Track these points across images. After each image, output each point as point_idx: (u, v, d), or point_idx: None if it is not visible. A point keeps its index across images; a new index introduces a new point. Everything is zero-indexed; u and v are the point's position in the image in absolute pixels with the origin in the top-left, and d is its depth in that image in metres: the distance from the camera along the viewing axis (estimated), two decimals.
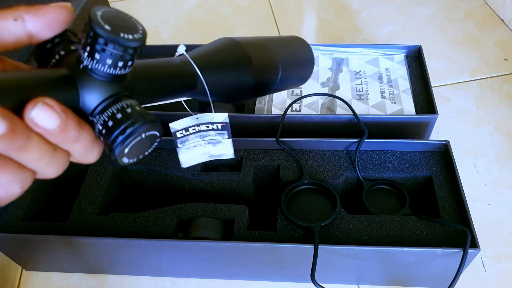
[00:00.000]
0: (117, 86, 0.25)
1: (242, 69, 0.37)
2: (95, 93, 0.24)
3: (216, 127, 0.43)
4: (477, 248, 0.47)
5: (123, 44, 0.23)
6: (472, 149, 0.74)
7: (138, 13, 1.12)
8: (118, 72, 0.24)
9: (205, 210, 0.55)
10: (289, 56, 0.41)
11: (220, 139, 0.44)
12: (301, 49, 0.43)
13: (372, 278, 0.57)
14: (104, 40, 0.22)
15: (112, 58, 0.23)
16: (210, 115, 0.42)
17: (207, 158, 0.46)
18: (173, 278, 0.61)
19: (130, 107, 0.24)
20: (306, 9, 1.09)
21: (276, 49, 0.40)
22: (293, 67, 0.41)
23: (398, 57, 0.75)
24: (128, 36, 0.23)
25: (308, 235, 0.52)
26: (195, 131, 0.42)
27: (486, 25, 0.98)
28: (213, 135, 0.43)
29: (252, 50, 0.38)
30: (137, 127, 0.24)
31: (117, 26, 0.23)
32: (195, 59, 0.34)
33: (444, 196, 0.55)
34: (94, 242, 0.53)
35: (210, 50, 0.37)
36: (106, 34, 0.22)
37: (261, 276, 0.59)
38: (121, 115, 0.24)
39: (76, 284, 0.62)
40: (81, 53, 0.24)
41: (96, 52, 0.23)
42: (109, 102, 0.24)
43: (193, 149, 0.44)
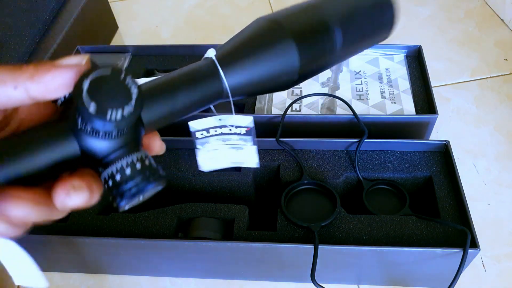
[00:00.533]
0: (122, 139, 0.23)
1: (281, 58, 0.31)
2: (97, 150, 0.23)
3: (239, 131, 0.38)
4: (477, 248, 0.47)
5: (111, 123, 0.22)
6: (472, 149, 0.74)
7: (138, 13, 1.12)
8: (118, 134, 0.23)
9: (205, 210, 0.55)
10: (347, 9, 0.32)
11: (243, 145, 0.39)
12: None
13: (372, 278, 0.57)
14: (91, 122, 0.21)
15: (104, 131, 0.22)
16: (233, 117, 0.37)
17: (230, 164, 0.41)
18: (173, 278, 0.61)
19: (140, 161, 0.23)
20: None
21: (326, 6, 0.32)
22: (357, 22, 0.33)
23: (398, 57, 0.75)
24: (116, 113, 0.21)
25: (308, 235, 0.52)
26: (216, 133, 0.38)
27: (486, 25, 0.98)
28: (236, 140, 0.38)
29: (293, 27, 0.31)
30: (145, 187, 0.23)
31: (105, 100, 0.21)
32: (222, 61, 0.30)
33: (444, 196, 0.55)
34: (94, 242, 0.53)
35: (239, 43, 0.33)
36: (91, 116, 0.21)
37: (261, 276, 0.59)
38: (130, 171, 0.23)
39: (76, 284, 0.62)
40: (76, 118, 0.22)
41: (87, 125, 0.22)
42: (116, 156, 0.23)
43: (214, 153, 0.40)
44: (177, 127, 0.70)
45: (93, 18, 0.94)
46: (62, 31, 0.81)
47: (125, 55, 0.79)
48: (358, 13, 0.33)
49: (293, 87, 0.72)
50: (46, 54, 0.76)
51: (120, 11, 1.12)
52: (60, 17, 0.84)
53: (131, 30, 1.06)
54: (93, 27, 0.94)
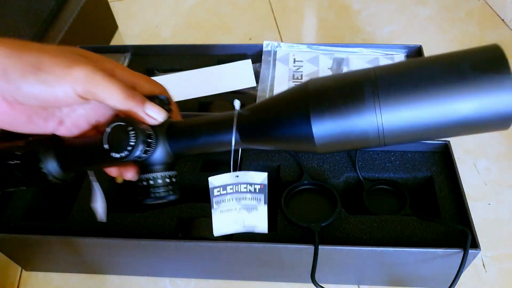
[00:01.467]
0: (158, 160, 0.36)
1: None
2: (144, 162, 0.36)
3: (253, 189, 0.40)
4: (477, 248, 0.47)
5: (113, 160, 0.33)
6: (473, 149, 0.74)
7: (138, 13, 1.12)
8: (141, 160, 0.35)
9: (205, 210, 0.55)
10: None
11: (255, 205, 0.41)
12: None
13: (372, 279, 0.57)
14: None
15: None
16: (250, 174, 0.39)
17: (240, 229, 0.42)
18: (173, 278, 0.61)
19: (169, 178, 0.36)
20: (306, 9, 1.09)
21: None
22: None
23: (399, 57, 0.75)
24: (115, 155, 0.33)
25: (308, 235, 0.52)
26: (232, 191, 0.40)
27: (486, 25, 0.98)
28: (249, 199, 0.41)
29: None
30: (166, 196, 0.36)
31: (114, 145, 0.32)
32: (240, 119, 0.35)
33: (445, 196, 0.55)
34: (94, 242, 0.53)
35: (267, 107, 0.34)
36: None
37: (261, 276, 0.59)
38: (161, 182, 0.36)
39: (76, 284, 0.62)
40: None
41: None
42: (155, 169, 0.36)
43: (227, 214, 0.41)
44: None
45: (93, 18, 0.94)
46: (62, 31, 0.81)
47: (125, 55, 0.79)
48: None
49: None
50: None
51: (120, 11, 1.11)
52: (60, 17, 0.83)
53: (131, 30, 1.06)
54: (93, 27, 0.94)
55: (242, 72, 0.74)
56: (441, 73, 0.27)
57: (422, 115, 0.28)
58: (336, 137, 0.30)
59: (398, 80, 0.28)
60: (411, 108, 0.28)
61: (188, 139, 0.35)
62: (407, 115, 0.28)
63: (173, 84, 0.73)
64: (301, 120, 0.30)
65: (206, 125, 0.36)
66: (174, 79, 0.74)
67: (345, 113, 0.29)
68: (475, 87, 0.27)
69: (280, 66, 0.75)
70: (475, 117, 0.27)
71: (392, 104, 0.28)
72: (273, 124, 0.32)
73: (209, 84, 0.72)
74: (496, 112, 0.27)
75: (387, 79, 0.28)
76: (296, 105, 0.31)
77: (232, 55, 0.78)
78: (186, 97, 0.71)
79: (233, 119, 0.34)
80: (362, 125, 0.29)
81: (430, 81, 0.27)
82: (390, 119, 0.28)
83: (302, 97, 0.30)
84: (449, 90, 0.27)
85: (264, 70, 0.75)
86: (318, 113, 0.29)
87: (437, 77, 0.27)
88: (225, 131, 0.35)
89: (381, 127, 0.29)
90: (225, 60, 0.77)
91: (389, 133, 0.29)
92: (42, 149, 0.35)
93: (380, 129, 0.29)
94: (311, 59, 0.76)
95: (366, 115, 0.28)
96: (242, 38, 1.00)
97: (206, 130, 0.35)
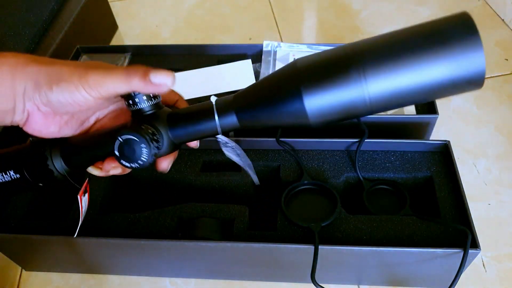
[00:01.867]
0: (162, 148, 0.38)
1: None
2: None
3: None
4: (477, 248, 0.47)
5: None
6: (473, 149, 0.74)
7: (138, 13, 1.12)
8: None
9: (205, 210, 0.55)
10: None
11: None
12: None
13: (372, 278, 0.57)
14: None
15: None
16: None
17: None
18: (173, 278, 0.61)
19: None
20: (306, 9, 1.09)
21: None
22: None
23: None
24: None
25: (308, 235, 0.52)
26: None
27: (486, 25, 0.98)
28: None
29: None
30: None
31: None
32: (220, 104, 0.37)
33: (445, 196, 0.55)
34: (94, 242, 0.53)
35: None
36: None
37: (261, 276, 0.59)
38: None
39: (76, 284, 0.62)
40: None
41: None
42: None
43: None
44: None
45: (92, 18, 0.94)
46: (62, 31, 0.81)
47: (125, 55, 0.79)
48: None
49: None
50: (46, 54, 0.76)
51: (120, 11, 1.11)
52: (59, 17, 0.83)
53: (130, 30, 1.06)
54: (92, 27, 0.94)
55: (242, 72, 0.74)
56: (418, 42, 0.31)
57: (405, 81, 0.31)
58: (327, 109, 0.33)
59: (381, 51, 0.31)
60: (394, 76, 0.31)
61: (188, 128, 0.37)
62: (391, 83, 0.31)
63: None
64: (294, 96, 0.32)
65: (203, 112, 0.37)
66: None
67: (334, 85, 0.32)
68: (449, 51, 0.30)
69: (280, 66, 0.75)
70: (452, 78, 0.31)
71: (376, 74, 0.31)
72: (268, 102, 0.34)
73: (209, 84, 0.72)
74: (468, 72, 0.30)
75: (371, 51, 0.31)
76: (288, 82, 0.33)
77: (232, 55, 0.78)
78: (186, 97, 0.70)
79: (224, 103, 0.37)
80: (351, 95, 0.32)
81: (409, 50, 0.31)
82: (376, 87, 0.31)
83: (293, 74, 0.33)
84: (426, 57, 0.30)
85: (264, 70, 0.75)
86: (309, 88, 0.32)
87: (415, 45, 0.31)
88: (223, 115, 0.36)
89: (367, 95, 0.32)
90: (225, 60, 0.77)
91: (375, 100, 0.32)
92: (48, 147, 0.38)
93: (367, 97, 0.32)
94: None
95: (353, 86, 0.31)
96: (242, 38, 1.00)
97: (204, 117, 0.37)
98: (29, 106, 0.34)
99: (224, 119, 0.36)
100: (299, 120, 0.33)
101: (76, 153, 0.38)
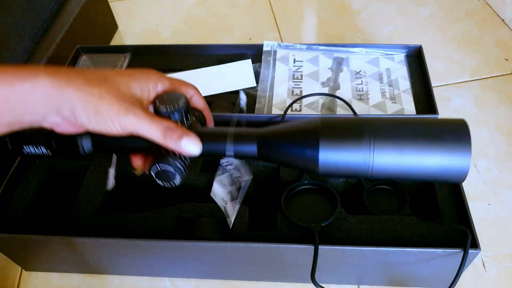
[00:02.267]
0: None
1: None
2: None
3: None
4: (477, 248, 0.47)
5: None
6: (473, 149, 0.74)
7: (138, 13, 1.12)
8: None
9: (205, 210, 0.55)
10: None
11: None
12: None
13: (372, 279, 0.57)
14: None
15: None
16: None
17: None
18: (173, 278, 0.61)
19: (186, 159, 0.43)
20: (306, 9, 1.09)
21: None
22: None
23: (399, 57, 0.75)
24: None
25: (308, 235, 0.52)
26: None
27: (486, 25, 0.98)
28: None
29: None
30: (181, 170, 0.42)
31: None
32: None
33: (445, 196, 0.55)
34: (94, 242, 0.53)
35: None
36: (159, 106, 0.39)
37: (261, 276, 0.59)
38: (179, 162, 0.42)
39: (76, 284, 0.62)
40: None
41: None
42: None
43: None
44: None
45: (93, 18, 0.94)
46: (62, 31, 0.81)
47: (125, 55, 0.79)
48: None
49: (293, 87, 0.72)
50: (46, 54, 0.76)
51: (120, 11, 1.12)
52: (60, 17, 0.83)
53: (131, 30, 1.06)
54: (93, 27, 0.94)
55: (242, 72, 0.74)
56: (422, 134, 0.37)
57: (404, 162, 0.37)
58: (335, 165, 0.38)
59: (390, 132, 0.37)
60: (397, 155, 0.37)
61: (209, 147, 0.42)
62: (393, 160, 0.37)
63: None
64: (311, 147, 0.38)
65: (230, 137, 0.42)
66: None
67: (347, 146, 0.38)
68: (445, 148, 0.37)
69: (280, 66, 0.75)
70: (441, 169, 0.38)
71: (383, 149, 0.37)
72: (290, 141, 0.40)
73: (209, 84, 0.72)
74: (456, 167, 0.38)
75: (382, 129, 0.38)
76: (309, 134, 0.39)
77: (232, 55, 0.78)
78: None
79: (253, 135, 0.41)
80: (358, 160, 0.38)
81: (413, 139, 0.37)
82: (380, 159, 0.37)
83: (315, 129, 0.38)
84: (426, 148, 0.37)
85: (264, 70, 0.75)
86: (325, 144, 0.37)
87: (418, 136, 0.37)
88: (245, 143, 0.41)
89: (371, 164, 0.38)
90: (225, 60, 0.77)
91: (377, 170, 0.38)
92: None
93: (370, 166, 0.38)
94: (311, 59, 0.76)
95: (362, 154, 0.37)
96: (242, 38, 1.00)
97: (229, 141, 0.42)
98: (59, 120, 0.36)
99: (243, 146, 0.41)
100: (310, 165, 0.39)
101: (105, 141, 0.42)
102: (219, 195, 0.56)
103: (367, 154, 0.37)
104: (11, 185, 0.59)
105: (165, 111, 0.39)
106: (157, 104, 0.39)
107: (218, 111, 0.68)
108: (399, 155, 0.37)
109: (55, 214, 0.59)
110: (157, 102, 0.39)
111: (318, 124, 0.39)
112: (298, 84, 0.72)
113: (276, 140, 0.41)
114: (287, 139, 0.40)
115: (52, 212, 0.60)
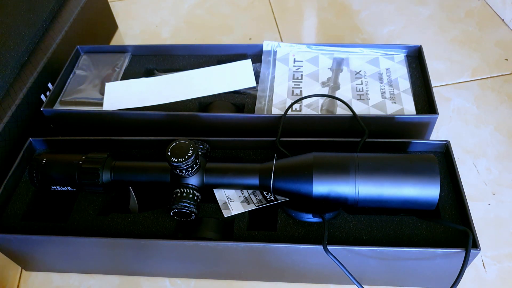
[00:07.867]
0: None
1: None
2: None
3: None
4: (477, 248, 0.47)
5: (173, 165, 0.49)
6: (473, 149, 0.74)
7: (138, 13, 1.12)
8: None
9: (206, 210, 0.55)
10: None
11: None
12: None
13: (372, 278, 0.57)
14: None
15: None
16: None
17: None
18: (173, 278, 0.61)
19: (198, 197, 0.52)
20: (306, 9, 1.09)
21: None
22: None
23: (399, 57, 0.75)
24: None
25: (309, 235, 0.52)
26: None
27: (486, 25, 0.98)
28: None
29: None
30: (192, 208, 0.51)
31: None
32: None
33: (445, 196, 0.55)
34: (94, 242, 0.53)
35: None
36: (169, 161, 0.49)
37: (261, 276, 0.59)
38: (191, 197, 0.51)
39: (76, 284, 0.62)
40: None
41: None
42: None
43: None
44: (176, 129, 0.70)
45: (92, 18, 0.94)
46: (62, 31, 0.81)
47: (125, 55, 0.79)
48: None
49: (293, 87, 0.72)
50: (45, 54, 0.76)
51: (120, 11, 1.12)
52: (59, 17, 0.83)
53: (130, 30, 1.06)
54: (92, 27, 0.94)
55: (242, 72, 0.74)
56: (399, 169, 0.48)
57: (384, 192, 0.48)
58: (325, 194, 0.48)
59: (372, 168, 0.48)
60: (378, 187, 0.48)
61: (220, 178, 0.53)
62: (375, 191, 0.48)
63: (173, 84, 0.73)
64: (306, 179, 0.49)
65: (233, 171, 0.53)
66: (174, 79, 0.74)
67: (336, 177, 0.48)
68: (418, 181, 0.47)
69: (280, 66, 0.75)
70: (414, 199, 0.48)
71: (366, 181, 0.48)
72: (288, 174, 0.50)
73: (209, 84, 0.72)
74: (428, 197, 0.47)
75: (365, 166, 0.48)
76: (303, 169, 0.49)
77: (232, 55, 0.78)
78: (186, 97, 0.71)
79: (256, 170, 0.53)
80: (345, 192, 0.48)
81: (391, 174, 0.48)
82: (364, 190, 0.48)
83: (308, 165, 0.49)
84: (403, 181, 0.47)
85: (264, 70, 0.75)
86: (318, 177, 0.48)
87: (395, 171, 0.48)
88: (248, 176, 0.52)
89: (357, 195, 0.48)
90: (225, 60, 0.77)
91: (362, 200, 0.48)
92: (100, 166, 0.53)
93: (356, 196, 0.48)
94: (311, 59, 0.76)
95: (349, 183, 0.48)
96: (242, 38, 1.00)
97: (233, 174, 0.53)
98: None
99: (250, 179, 0.52)
100: (304, 195, 0.49)
101: (124, 173, 0.54)
102: (222, 192, 0.56)
103: (352, 183, 0.47)
104: (11, 185, 0.59)
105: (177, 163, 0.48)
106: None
107: (218, 111, 0.68)
108: (379, 185, 0.47)
109: (55, 214, 0.59)
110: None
111: (312, 158, 0.49)
112: (298, 84, 0.72)
113: (276, 176, 0.50)
114: (286, 172, 0.50)
115: (52, 212, 0.60)
